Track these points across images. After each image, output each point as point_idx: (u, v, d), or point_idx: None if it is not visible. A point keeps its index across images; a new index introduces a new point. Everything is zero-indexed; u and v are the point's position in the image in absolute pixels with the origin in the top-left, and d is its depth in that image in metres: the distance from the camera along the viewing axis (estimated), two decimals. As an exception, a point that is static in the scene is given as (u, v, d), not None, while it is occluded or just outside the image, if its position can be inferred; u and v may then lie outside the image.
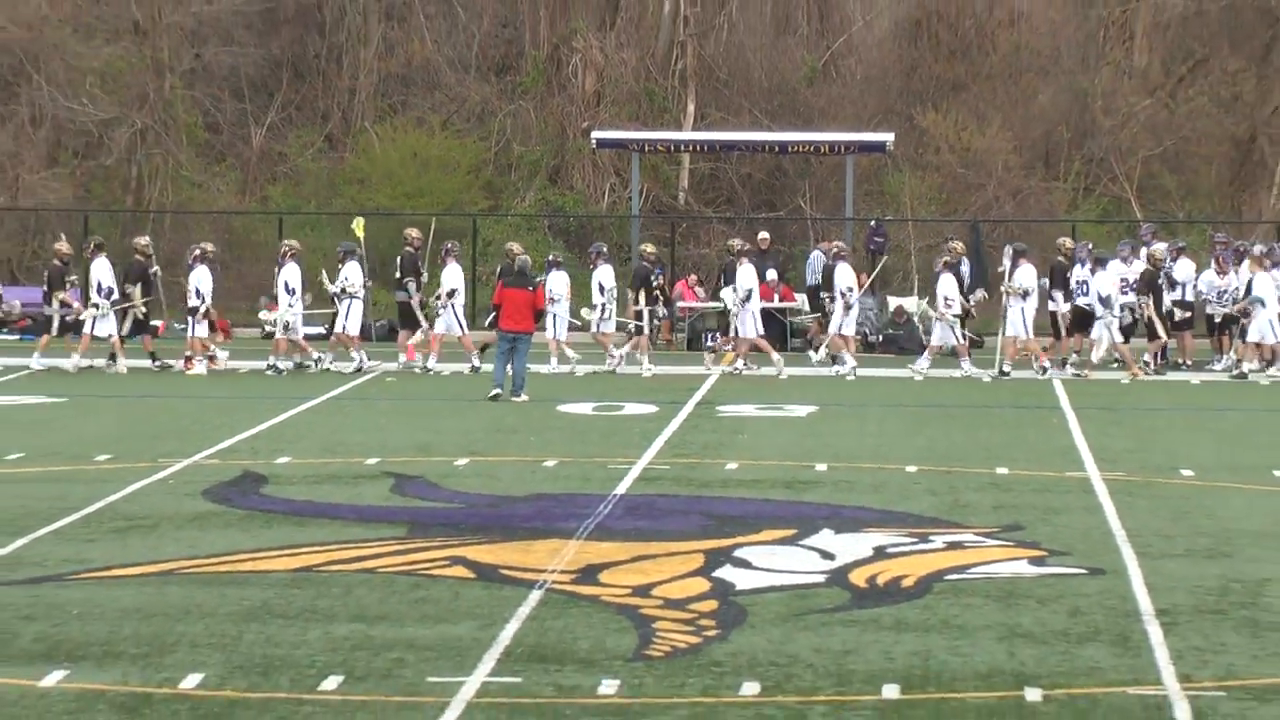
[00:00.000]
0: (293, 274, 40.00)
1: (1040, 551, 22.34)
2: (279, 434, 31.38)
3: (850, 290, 40.55)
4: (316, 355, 39.94)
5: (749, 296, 39.78)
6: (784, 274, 45.36)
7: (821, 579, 20.84)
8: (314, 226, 50.46)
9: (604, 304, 41.02)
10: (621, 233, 51.57)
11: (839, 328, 40.56)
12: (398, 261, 41.27)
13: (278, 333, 40.07)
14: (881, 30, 61.04)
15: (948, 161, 54.81)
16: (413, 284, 40.68)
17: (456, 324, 40.40)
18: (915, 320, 42.68)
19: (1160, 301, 40.00)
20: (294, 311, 39.95)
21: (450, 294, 40.10)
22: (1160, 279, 40.28)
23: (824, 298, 41.50)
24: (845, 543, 22.55)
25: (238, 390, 37.13)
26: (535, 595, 19.83)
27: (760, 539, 22.76)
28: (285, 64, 58.01)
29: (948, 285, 40.00)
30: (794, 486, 26.70)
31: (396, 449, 29.67)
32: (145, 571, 21.01)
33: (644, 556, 21.68)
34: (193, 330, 39.92)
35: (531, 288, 36.71)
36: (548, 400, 35.29)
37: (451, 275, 40.49)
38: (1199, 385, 38.90)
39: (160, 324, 42.25)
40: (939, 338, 40.53)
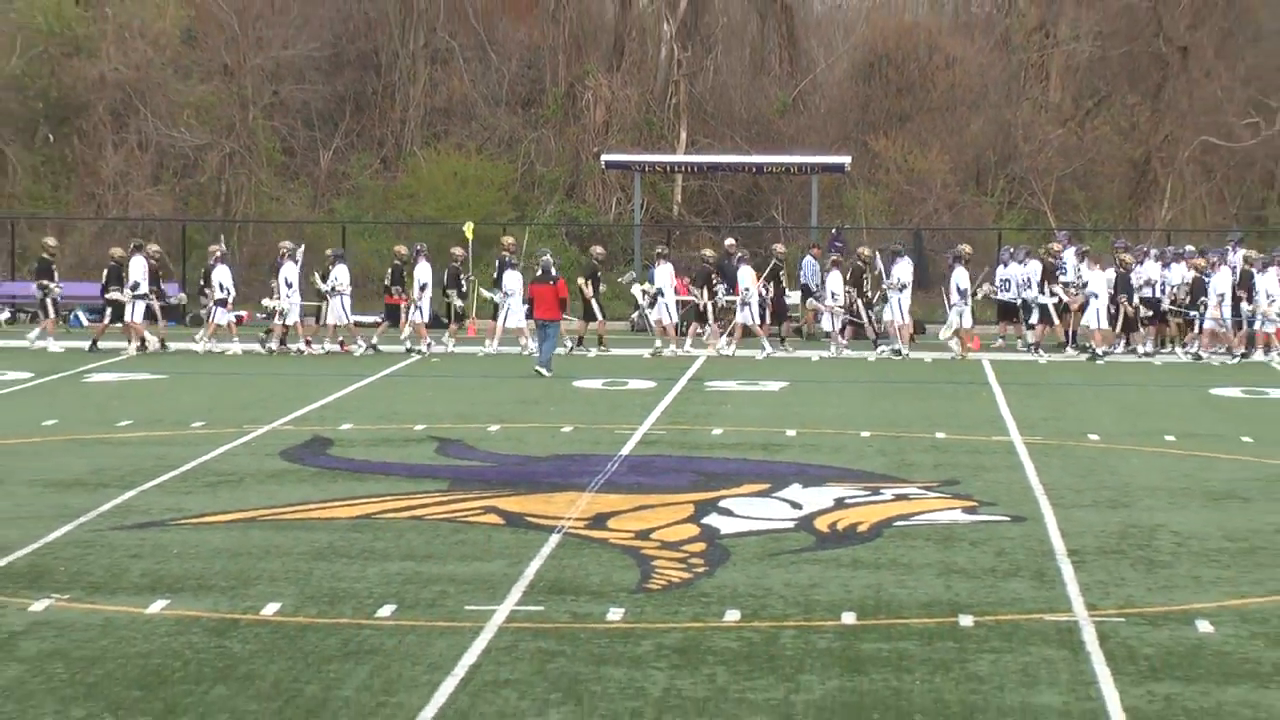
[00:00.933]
0: (291, 271, 40.00)
1: (972, 502, 22.38)
2: (342, 405, 31.39)
3: (835, 295, 40.55)
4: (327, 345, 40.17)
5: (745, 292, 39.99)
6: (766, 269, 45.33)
7: (791, 525, 20.91)
8: (371, 234, 50.48)
9: (658, 296, 40.98)
10: (626, 239, 51.55)
11: (900, 316, 40.53)
12: (444, 274, 41.16)
13: (275, 319, 40.24)
14: (840, 71, 60.95)
15: (895, 180, 54.79)
16: (454, 292, 40.69)
17: (426, 313, 40.46)
18: (867, 305, 42.48)
19: (1132, 297, 39.93)
20: (291, 302, 39.97)
21: (421, 288, 40.16)
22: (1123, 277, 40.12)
23: (816, 296, 41.40)
24: (811, 495, 22.59)
25: (308, 369, 37.10)
26: (554, 538, 19.90)
27: (740, 492, 22.79)
28: (348, 99, 57.91)
29: (961, 277, 39.93)
30: (768, 448, 26.72)
31: (439, 417, 29.67)
32: (232, 518, 21.07)
33: (644, 506, 21.71)
34: (212, 317, 40.30)
35: (554, 283, 36.85)
36: (564, 377, 35.28)
37: (421, 272, 40.38)
38: (1103, 365, 38.83)
39: (245, 314, 42.12)
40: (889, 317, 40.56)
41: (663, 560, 18.88)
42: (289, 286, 39.94)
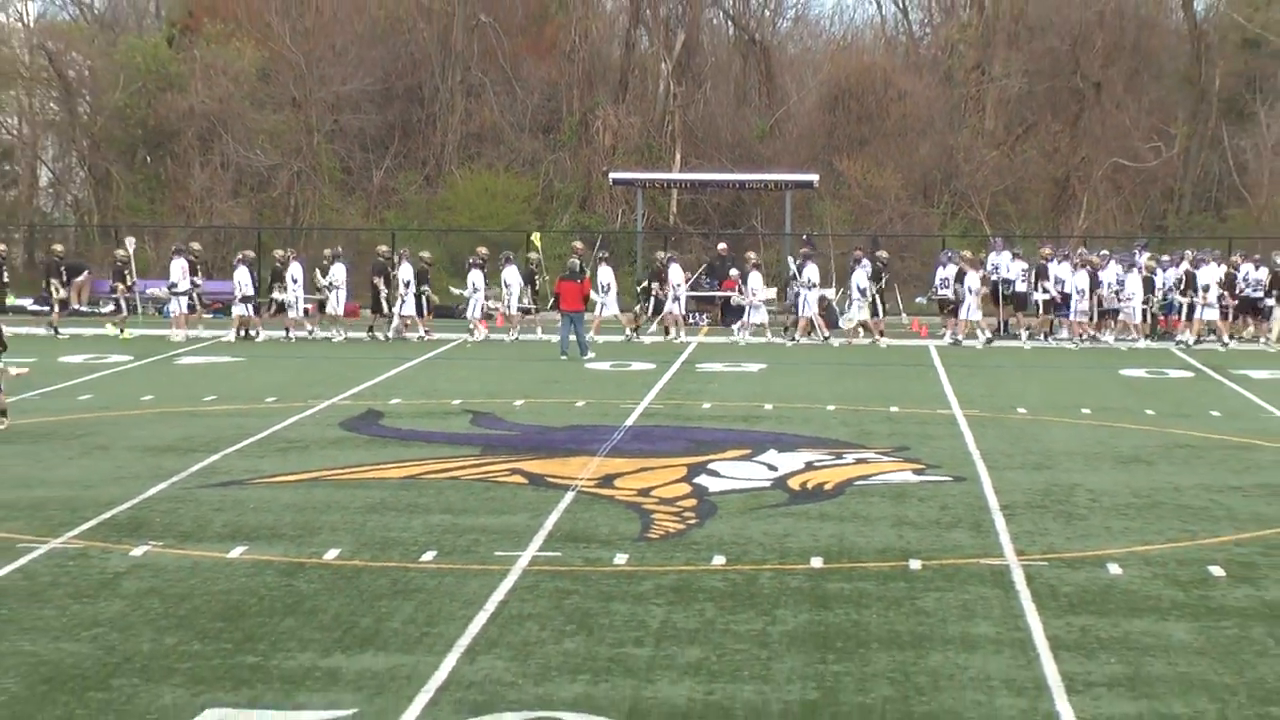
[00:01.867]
0: (296, 270, 40.12)
1: (920, 465, 22.40)
2: (392, 383, 31.39)
3: (813, 283, 40.51)
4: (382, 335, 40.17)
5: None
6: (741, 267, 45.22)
7: (768, 484, 20.91)
8: (415, 239, 50.30)
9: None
10: (629, 244, 51.51)
11: (808, 309, 40.51)
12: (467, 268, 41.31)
13: (288, 311, 40.42)
14: (810, 103, 60.86)
15: (856, 194, 54.77)
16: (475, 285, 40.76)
17: (411, 307, 40.43)
18: (833, 304, 42.47)
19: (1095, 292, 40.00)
20: (296, 295, 40.07)
21: (405, 285, 40.14)
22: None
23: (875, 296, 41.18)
24: (785, 459, 22.60)
25: (362, 353, 37.09)
26: (570, 495, 19.91)
27: (725, 456, 22.79)
28: (396, 126, 57.88)
29: (860, 276, 39.97)
30: (749, 420, 26.72)
31: (473, 394, 29.68)
32: (299, 478, 21.09)
33: (645, 468, 21.73)
34: (237, 310, 40.57)
35: (579, 280, 36.97)
36: (576, 361, 35.32)
37: (404, 272, 40.26)
38: (1029, 350, 38.83)
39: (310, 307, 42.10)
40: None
41: (660, 514, 18.90)
42: (294, 282, 40.18)
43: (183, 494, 19.94)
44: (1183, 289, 40.24)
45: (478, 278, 40.56)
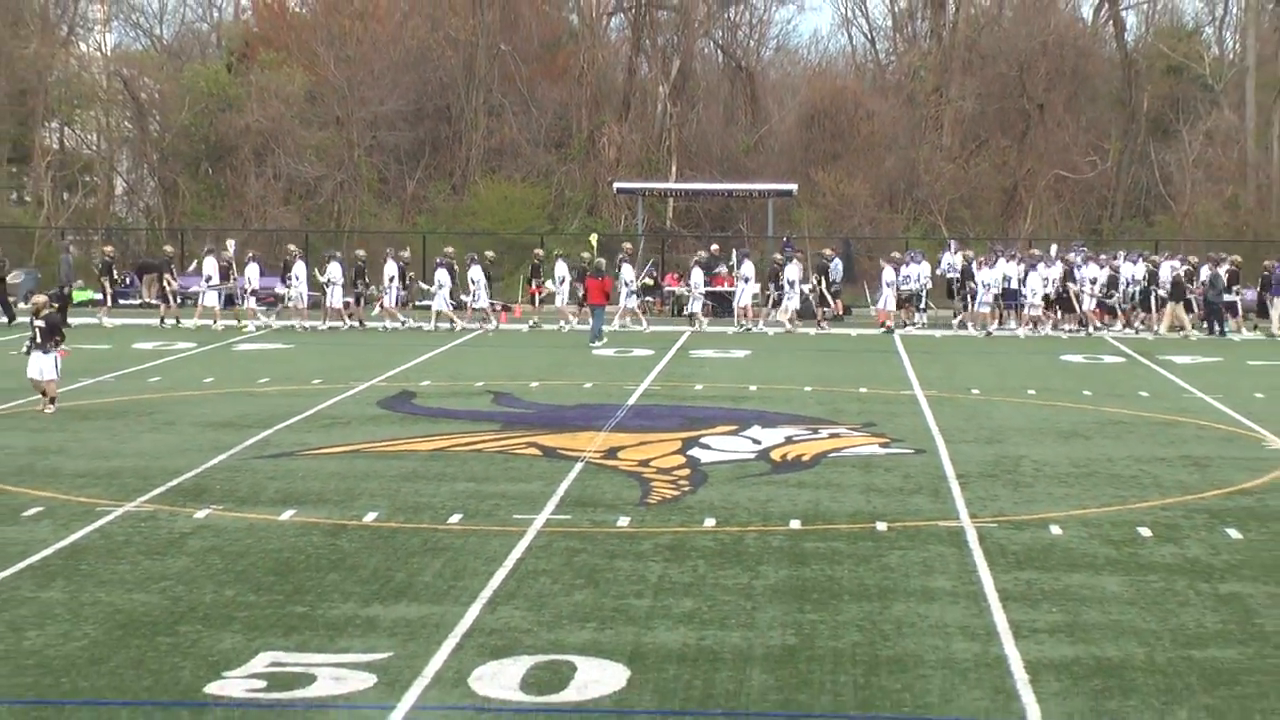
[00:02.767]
0: (300, 269, 40.06)
1: (886, 439, 22.40)
2: (422, 367, 31.38)
3: (793, 283, 40.43)
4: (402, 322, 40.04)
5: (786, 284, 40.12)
6: (730, 269, 45.22)
7: (752, 456, 20.90)
8: (444, 240, 50.32)
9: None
10: (633, 245, 51.55)
11: (743, 300, 40.65)
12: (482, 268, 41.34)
13: (289, 303, 40.37)
14: (789, 121, 60.89)
15: (830, 201, 54.75)
16: (482, 282, 40.62)
17: (394, 299, 40.17)
18: (809, 296, 42.38)
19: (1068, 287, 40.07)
20: (298, 290, 39.92)
21: (389, 280, 39.83)
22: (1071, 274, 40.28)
23: (770, 291, 40.99)
24: (767, 434, 22.59)
25: (397, 341, 37.05)
26: (579, 466, 19.90)
27: (715, 432, 22.79)
28: (427, 141, 57.87)
29: (792, 271, 40.08)
30: (736, 399, 26.70)
31: (494, 376, 29.66)
32: (342, 450, 21.09)
33: (645, 442, 21.72)
34: (241, 302, 40.38)
35: (601, 277, 37.26)
36: (583, 348, 35.31)
37: (389, 269, 40.04)
38: (984, 338, 38.83)
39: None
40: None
41: (658, 482, 18.90)
42: (297, 280, 40.08)
43: (239, 464, 19.95)
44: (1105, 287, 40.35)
45: (479, 274, 40.40)
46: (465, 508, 17.21)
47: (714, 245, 46.24)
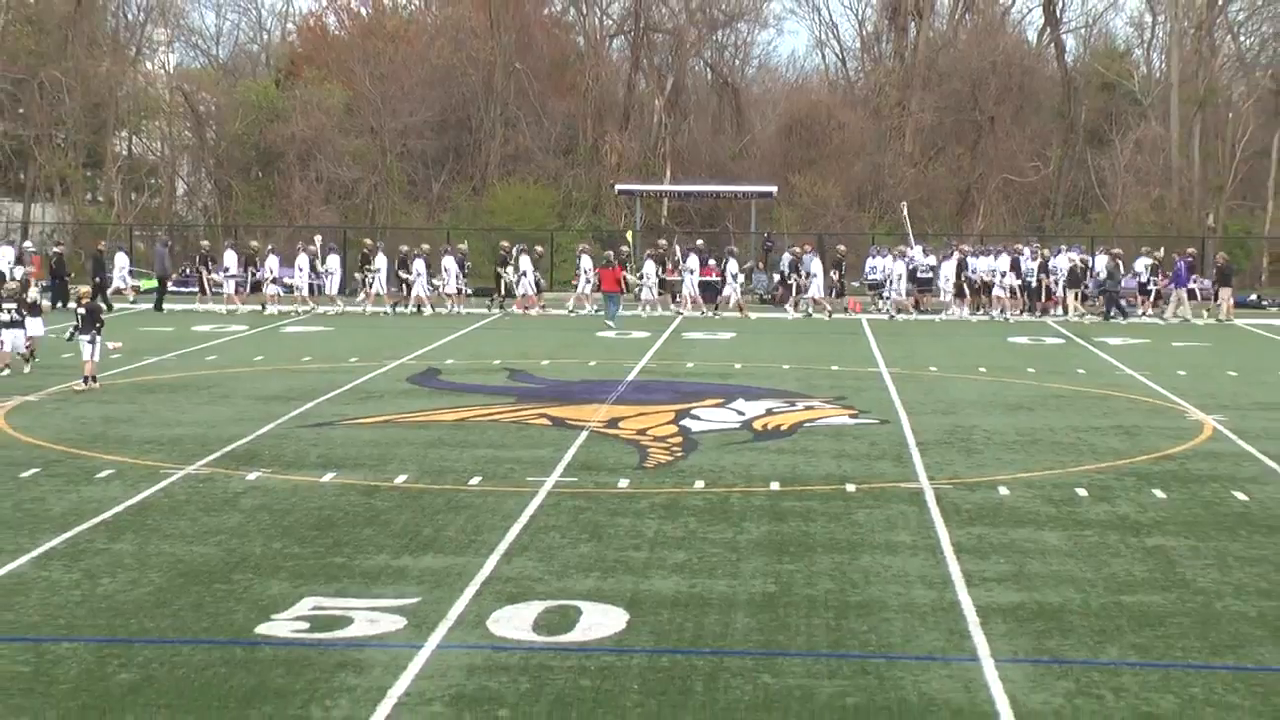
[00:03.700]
0: (303, 260, 40.09)
1: (855, 411, 22.37)
2: (446, 347, 31.34)
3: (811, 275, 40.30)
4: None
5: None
6: (717, 260, 45.13)
7: (737, 425, 20.88)
8: (466, 236, 50.20)
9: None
10: (630, 239, 51.49)
11: (690, 289, 40.43)
12: (499, 255, 41.30)
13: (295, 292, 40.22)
14: (770, 131, 60.85)
15: (806, 202, 54.69)
16: (507, 269, 40.51)
17: (383, 286, 40.08)
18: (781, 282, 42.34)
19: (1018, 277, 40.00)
20: (302, 281, 40.03)
21: (375, 272, 39.80)
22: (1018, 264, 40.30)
23: (792, 280, 40.63)
24: (750, 406, 22.56)
25: (424, 324, 37.03)
26: (584, 434, 19.88)
27: (704, 404, 22.74)
28: (450, 148, 57.75)
29: (733, 265, 39.98)
30: (723, 376, 26.67)
31: (510, 355, 29.62)
32: (376, 421, 21.06)
33: (642, 413, 21.69)
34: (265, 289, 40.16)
35: (613, 267, 37.47)
36: (589, 330, 35.29)
37: (379, 261, 40.08)
38: (940, 322, 38.80)
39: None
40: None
41: (654, 448, 18.88)
42: (301, 270, 40.03)
43: (286, 432, 19.93)
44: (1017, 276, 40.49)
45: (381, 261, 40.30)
46: (484, 471, 17.20)
47: (698, 240, 46.03)
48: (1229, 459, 18.48)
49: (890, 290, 40.37)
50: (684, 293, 40.43)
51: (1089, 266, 40.52)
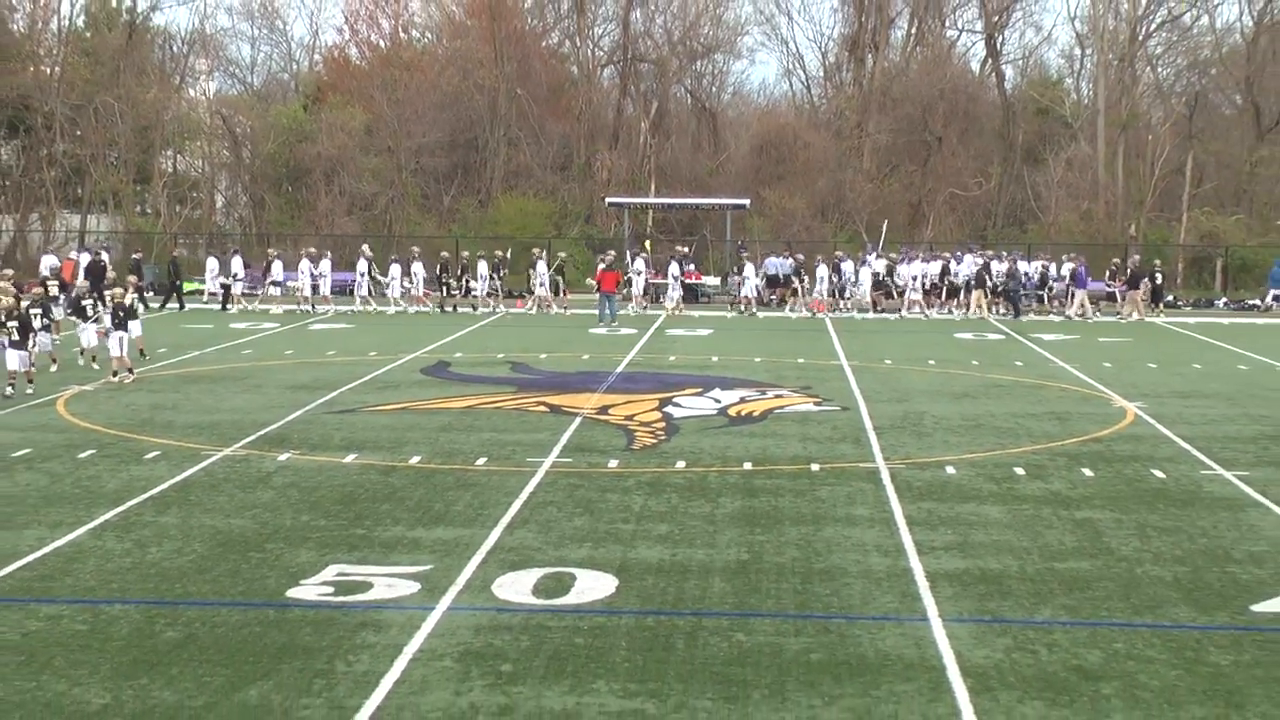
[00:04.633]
0: (304, 267, 39.75)
1: (819, 398, 22.39)
2: (455, 343, 31.26)
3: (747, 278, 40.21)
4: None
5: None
6: (698, 264, 45.00)
7: (714, 412, 20.88)
8: (472, 244, 50.06)
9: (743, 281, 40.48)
10: (618, 247, 51.35)
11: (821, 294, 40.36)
12: (500, 260, 41.20)
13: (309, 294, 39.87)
14: (743, 150, 60.62)
15: (775, 213, 54.54)
16: (499, 274, 40.39)
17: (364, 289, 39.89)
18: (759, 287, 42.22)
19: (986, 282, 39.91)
20: (301, 283, 39.40)
21: (360, 275, 39.64)
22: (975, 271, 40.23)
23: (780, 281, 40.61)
24: (726, 395, 22.57)
25: (435, 322, 36.98)
26: (578, 420, 19.86)
27: (685, 393, 22.75)
28: (459, 166, 57.50)
29: (675, 268, 39.81)
30: (701, 368, 26.64)
31: (512, 349, 29.57)
32: (392, 408, 21.02)
33: (630, 401, 21.69)
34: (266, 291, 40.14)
35: (612, 269, 37.29)
36: (583, 327, 35.24)
37: (361, 265, 39.89)
38: (895, 320, 38.81)
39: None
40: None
41: (640, 432, 18.87)
42: (302, 274, 39.61)
43: (312, 418, 19.88)
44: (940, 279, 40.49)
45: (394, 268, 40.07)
46: (489, 452, 17.17)
47: (681, 247, 45.94)
48: (1148, 441, 18.53)
49: (851, 291, 40.42)
50: (633, 292, 40.31)
51: (988, 267, 40.69)
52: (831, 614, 10.71)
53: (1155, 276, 40.88)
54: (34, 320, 22.38)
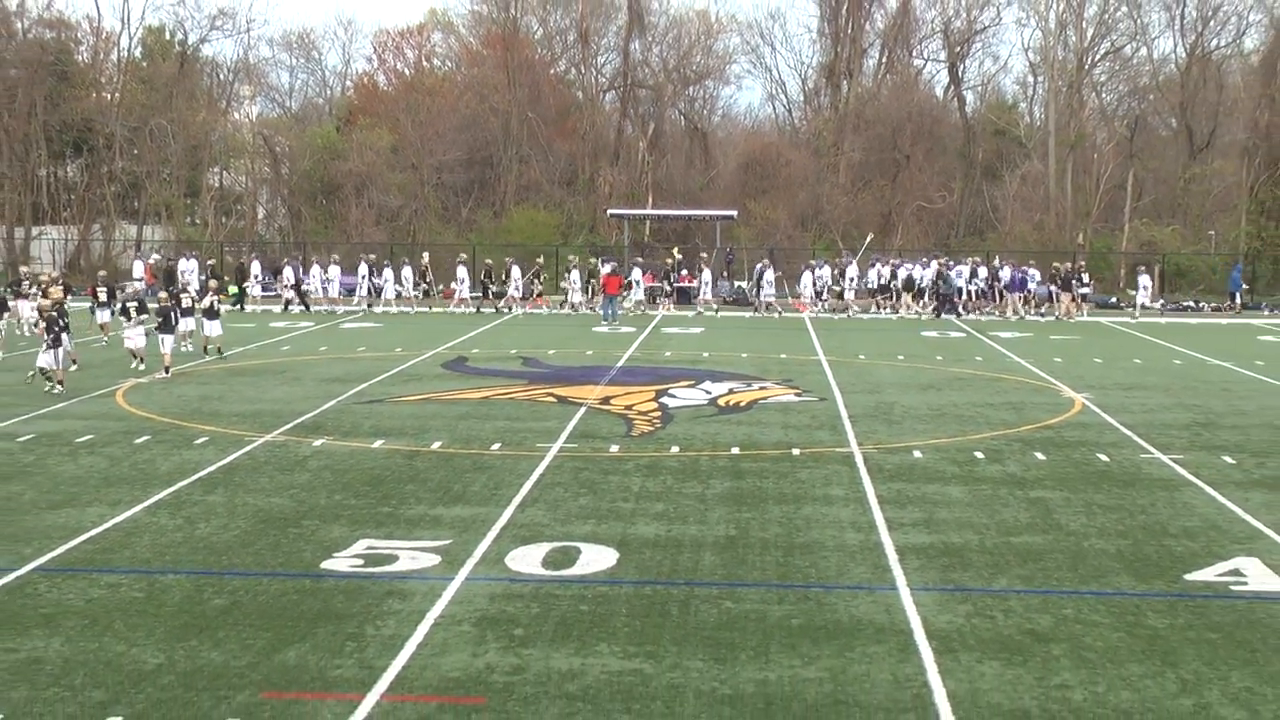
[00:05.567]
0: (316, 272, 39.60)
1: (799, 390, 22.36)
2: (472, 340, 31.21)
3: (766, 283, 40.05)
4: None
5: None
6: (691, 269, 44.93)
7: (705, 402, 20.84)
8: (489, 252, 50.03)
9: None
10: (619, 253, 51.30)
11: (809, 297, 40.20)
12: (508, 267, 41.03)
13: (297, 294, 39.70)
14: (731, 166, 60.60)
15: (760, 223, 54.48)
16: (570, 276, 40.25)
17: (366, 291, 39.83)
18: (745, 289, 42.21)
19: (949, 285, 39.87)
20: (313, 286, 39.66)
21: (362, 279, 39.46)
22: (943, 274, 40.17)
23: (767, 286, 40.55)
24: (716, 387, 22.53)
25: (454, 320, 36.92)
26: (583, 409, 19.84)
27: (679, 386, 22.71)
28: (476, 181, 57.44)
29: (636, 274, 39.58)
30: (693, 363, 26.59)
31: (524, 345, 29.52)
32: (415, 399, 20.98)
33: (629, 392, 21.65)
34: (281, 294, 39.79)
35: (615, 274, 37.08)
36: (587, 326, 35.18)
37: (362, 269, 39.84)
38: (868, 319, 38.77)
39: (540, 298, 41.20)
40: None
41: (639, 420, 18.85)
42: (302, 275, 39.75)
43: (344, 407, 19.86)
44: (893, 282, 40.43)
45: (518, 272, 39.90)
46: (503, 439, 17.15)
47: (677, 253, 45.86)
48: (1094, 428, 18.52)
49: (827, 293, 40.44)
50: (631, 297, 40.24)
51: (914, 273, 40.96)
52: (810, 584, 10.70)
53: (1083, 279, 40.83)
54: (59, 321, 21.25)
